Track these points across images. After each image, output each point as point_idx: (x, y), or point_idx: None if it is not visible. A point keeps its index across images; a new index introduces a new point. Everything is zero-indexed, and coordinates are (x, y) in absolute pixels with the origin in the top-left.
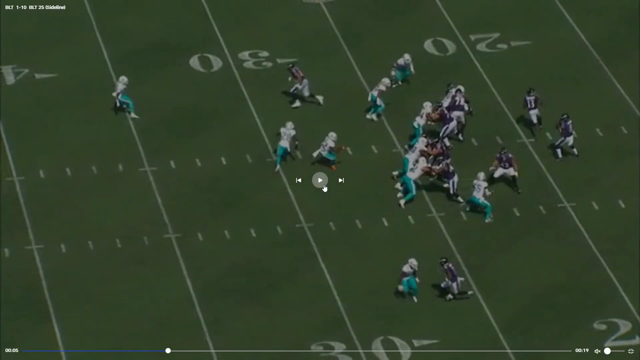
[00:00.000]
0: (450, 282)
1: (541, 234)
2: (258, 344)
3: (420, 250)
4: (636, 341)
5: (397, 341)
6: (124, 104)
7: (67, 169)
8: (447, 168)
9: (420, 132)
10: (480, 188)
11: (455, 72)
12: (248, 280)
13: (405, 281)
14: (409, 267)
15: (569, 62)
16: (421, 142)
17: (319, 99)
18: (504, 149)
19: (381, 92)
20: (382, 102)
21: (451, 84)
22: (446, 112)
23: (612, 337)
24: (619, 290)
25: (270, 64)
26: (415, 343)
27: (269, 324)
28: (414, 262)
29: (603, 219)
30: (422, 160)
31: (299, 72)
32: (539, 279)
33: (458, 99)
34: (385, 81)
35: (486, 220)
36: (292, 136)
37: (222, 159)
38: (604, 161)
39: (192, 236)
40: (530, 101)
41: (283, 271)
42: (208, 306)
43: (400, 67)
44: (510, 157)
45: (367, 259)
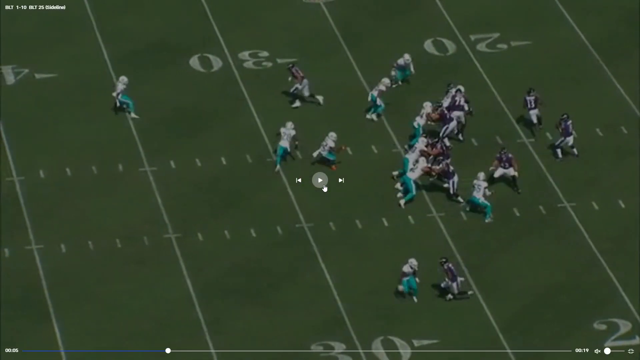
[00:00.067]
0: (450, 282)
1: (541, 234)
2: (258, 344)
3: (420, 250)
4: (636, 341)
5: (397, 341)
6: (124, 104)
7: (67, 169)
8: (447, 168)
9: (420, 132)
10: (480, 188)
11: (455, 72)
12: (248, 280)
13: (405, 281)
14: (409, 267)
15: (569, 62)
16: (421, 142)
17: (319, 99)
18: (504, 149)
19: (381, 92)
20: (382, 102)
21: (451, 84)
22: (446, 112)
23: (612, 337)
24: (619, 290)
25: (270, 64)
26: (415, 343)
27: (269, 324)
28: (414, 262)
29: (603, 219)
30: (422, 160)
31: (299, 72)
32: (539, 279)
33: (458, 99)
34: (385, 81)
35: (486, 220)
36: (292, 136)
37: (222, 159)
38: (604, 161)
39: (192, 236)
40: (530, 101)
41: (283, 271)
42: (208, 306)
43: (400, 67)
44: (510, 157)
45: (367, 259)
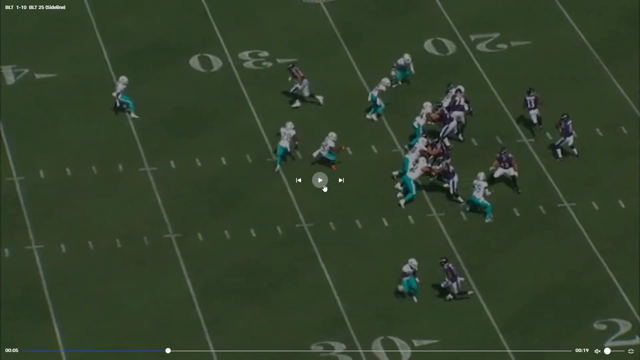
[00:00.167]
0: (450, 282)
1: (541, 234)
2: (258, 344)
3: (420, 250)
4: (636, 341)
5: (397, 341)
6: (124, 104)
7: (67, 169)
8: (447, 168)
9: (420, 132)
10: (480, 188)
11: (455, 72)
12: (248, 280)
13: (405, 281)
14: (409, 267)
15: (569, 62)
16: (421, 142)
17: (319, 99)
18: (504, 149)
19: (381, 92)
20: (382, 102)
21: (451, 84)
22: (446, 112)
23: (612, 337)
24: (619, 290)
25: (270, 64)
26: (415, 343)
27: (269, 324)
28: (414, 262)
29: (603, 219)
30: (422, 160)
31: (299, 72)
32: (539, 279)
33: (458, 99)
34: (385, 81)
35: (486, 220)
36: (292, 136)
37: (222, 159)
38: (604, 161)
39: (192, 236)
40: (530, 101)
41: (283, 271)
42: (208, 306)
43: (400, 67)
44: (510, 157)
45: (367, 259)
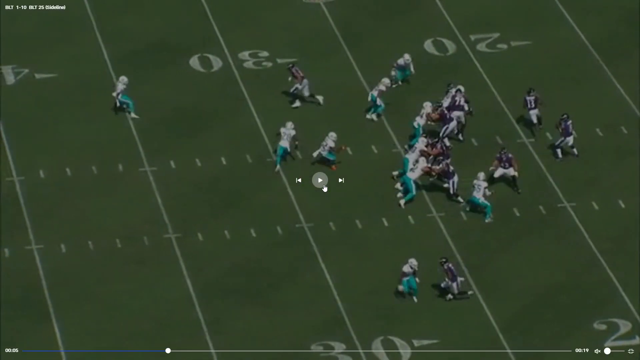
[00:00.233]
0: (450, 282)
1: (541, 234)
2: (258, 344)
3: (420, 250)
4: (636, 341)
5: (397, 341)
6: (124, 104)
7: (67, 169)
8: (447, 168)
9: (420, 132)
10: (480, 188)
11: (455, 72)
12: (248, 280)
13: (405, 281)
14: (409, 267)
15: (569, 62)
16: (421, 142)
17: (319, 99)
18: (504, 149)
19: (381, 92)
20: (382, 102)
21: (451, 84)
22: (446, 112)
23: (612, 337)
24: (619, 290)
25: (270, 64)
26: (415, 343)
27: (269, 324)
28: (414, 262)
29: (603, 219)
30: (422, 160)
31: (299, 72)
32: (539, 279)
33: (458, 99)
34: (385, 81)
35: (486, 220)
36: (292, 136)
37: (222, 159)
38: (604, 161)
39: (192, 236)
40: (530, 101)
41: (283, 271)
42: (208, 306)
43: (400, 67)
44: (510, 157)
45: (367, 259)
